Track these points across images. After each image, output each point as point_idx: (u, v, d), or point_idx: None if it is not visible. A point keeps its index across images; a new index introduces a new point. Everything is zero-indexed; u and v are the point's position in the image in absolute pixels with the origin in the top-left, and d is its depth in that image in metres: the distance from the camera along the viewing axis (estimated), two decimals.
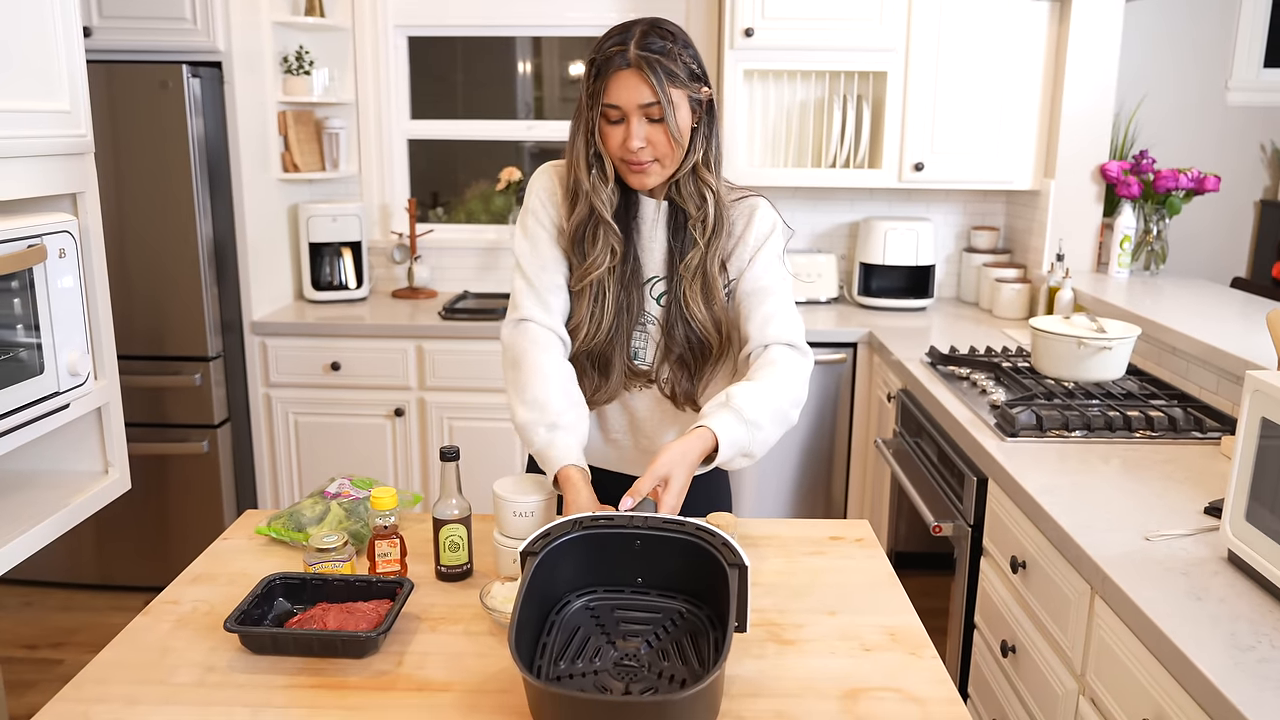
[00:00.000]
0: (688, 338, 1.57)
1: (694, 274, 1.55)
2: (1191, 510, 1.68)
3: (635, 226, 1.59)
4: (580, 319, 1.58)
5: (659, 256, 1.59)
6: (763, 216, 1.60)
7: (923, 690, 1.20)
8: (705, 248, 1.54)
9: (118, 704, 1.16)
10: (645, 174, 1.51)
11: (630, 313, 1.58)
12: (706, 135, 1.52)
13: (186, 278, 3.04)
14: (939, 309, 3.54)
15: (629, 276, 1.57)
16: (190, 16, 2.95)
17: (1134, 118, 3.53)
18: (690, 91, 1.48)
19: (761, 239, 1.59)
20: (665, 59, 1.44)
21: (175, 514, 3.19)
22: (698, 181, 1.53)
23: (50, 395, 1.47)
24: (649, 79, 1.43)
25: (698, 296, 1.55)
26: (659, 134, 1.46)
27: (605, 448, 1.71)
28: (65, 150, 1.54)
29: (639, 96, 1.44)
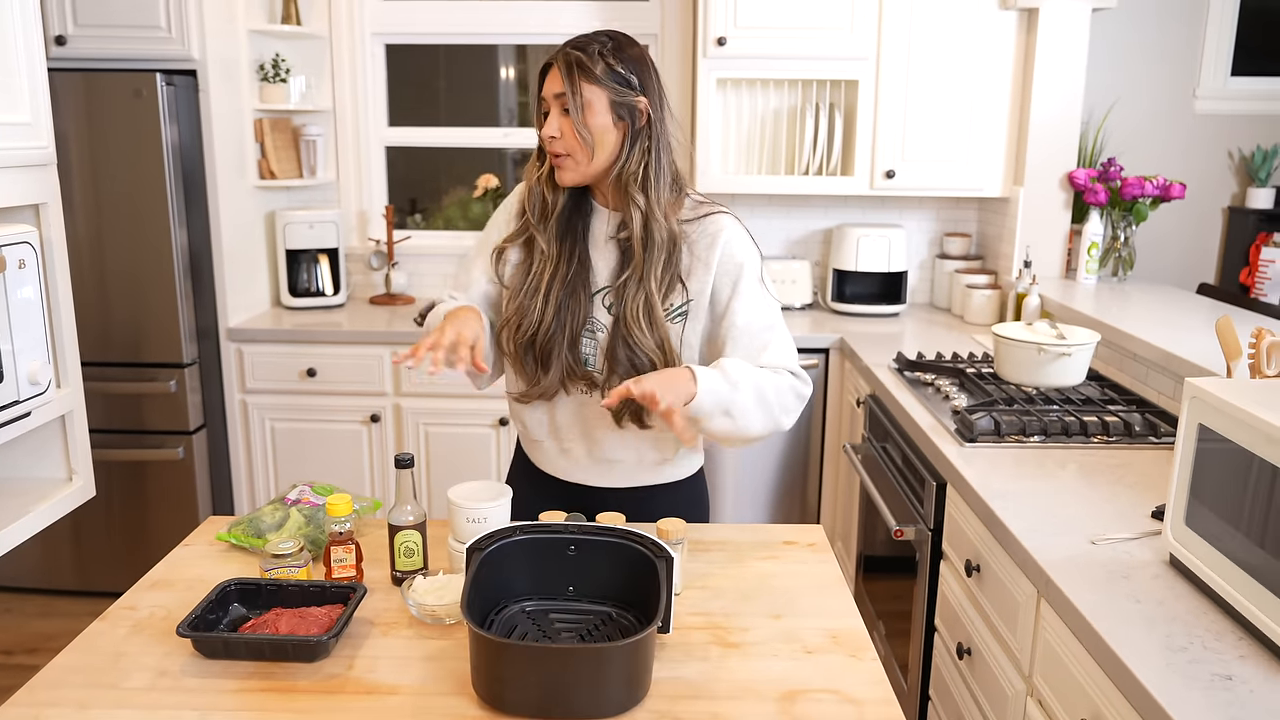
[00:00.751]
0: (631, 360, 1.57)
1: (634, 289, 1.56)
2: (1139, 514, 1.71)
3: (585, 232, 1.63)
4: (520, 308, 1.61)
5: (610, 266, 1.62)
6: (731, 239, 1.60)
7: (860, 692, 1.23)
8: (641, 263, 1.56)
9: (69, 708, 1.18)
10: (562, 169, 1.56)
11: (574, 315, 1.60)
12: (646, 149, 1.55)
13: (162, 285, 3.05)
14: (912, 315, 3.57)
15: (572, 277, 1.60)
16: (165, 25, 2.98)
17: (1102, 126, 3.57)
18: (610, 94, 1.52)
19: (735, 267, 1.59)
20: (585, 57, 1.51)
21: (152, 520, 3.21)
22: (630, 194, 1.56)
23: (11, 404, 1.49)
24: (563, 73, 1.52)
25: (639, 315, 1.55)
26: (569, 125, 1.52)
27: (561, 459, 1.73)
28: (26, 162, 1.56)
29: (554, 88, 1.53)
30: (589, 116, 1.51)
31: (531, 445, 1.76)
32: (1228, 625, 1.32)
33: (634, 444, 1.68)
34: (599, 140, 1.53)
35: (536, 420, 1.71)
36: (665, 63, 3.64)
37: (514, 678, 1.14)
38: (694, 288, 1.59)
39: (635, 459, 1.70)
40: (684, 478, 1.77)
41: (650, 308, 1.55)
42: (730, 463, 3.29)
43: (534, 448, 1.76)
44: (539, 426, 1.71)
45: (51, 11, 2.96)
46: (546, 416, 1.70)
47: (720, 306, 1.60)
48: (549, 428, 1.71)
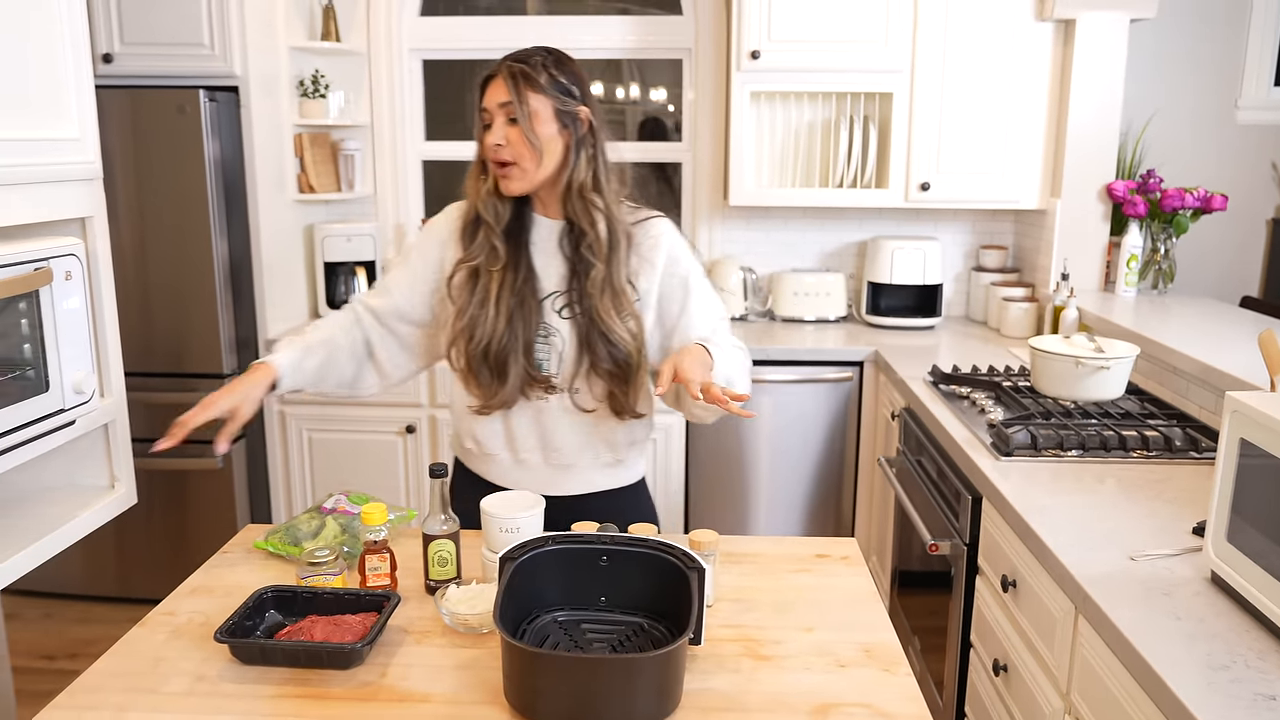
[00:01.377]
0: (611, 355, 1.63)
1: (601, 289, 1.61)
2: (1180, 530, 1.68)
3: (528, 241, 1.67)
4: (471, 320, 1.64)
5: (558, 273, 1.66)
6: (674, 243, 1.70)
7: (893, 707, 1.22)
8: (606, 264, 1.62)
9: (109, 711, 1.21)
10: (509, 178, 1.60)
11: (526, 323, 1.63)
12: (591, 157, 1.62)
13: (203, 297, 3.11)
14: (947, 328, 3.54)
15: (520, 285, 1.64)
16: (208, 42, 3.04)
17: (1142, 137, 3.53)
18: (555, 102, 1.58)
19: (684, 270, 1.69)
20: (528, 68, 1.57)
21: (191, 528, 3.26)
22: (585, 202, 1.62)
23: (56, 412, 1.52)
24: (508, 82, 1.57)
25: (610, 311, 1.61)
26: (516, 134, 1.57)
27: (516, 470, 1.74)
28: (73, 176, 1.60)
29: (498, 97, 1.57)
30: (536, 124, 1.57)
31: (482, 459, 1.77)
32: (1271, 644, 1.29)
33: (589, 445, 1.73)
34: (546, 148, 1.58)
35: (491, 433, 1.73)
36: (699, 77, 3.65)
37: (546, 687, 1.14)
38: (642, 286, 1.67)
39: (591, 460, 1.74)
40: (633, 483, 1.83)
41: (620, 303, 1.62)
42: (764, 475, 3.28)
43: (485, 461, 1.77)
44: (493, 439, 1.73)
45: (99, 30, 3.03)
46: (502, 428, 1.72)
47: (674, 308, 1.68)
48: (504, 439, 1.73)
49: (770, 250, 3.75)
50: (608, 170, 1.64)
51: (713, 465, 3.29)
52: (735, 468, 3.28)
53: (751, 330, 3.48)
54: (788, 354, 3.22)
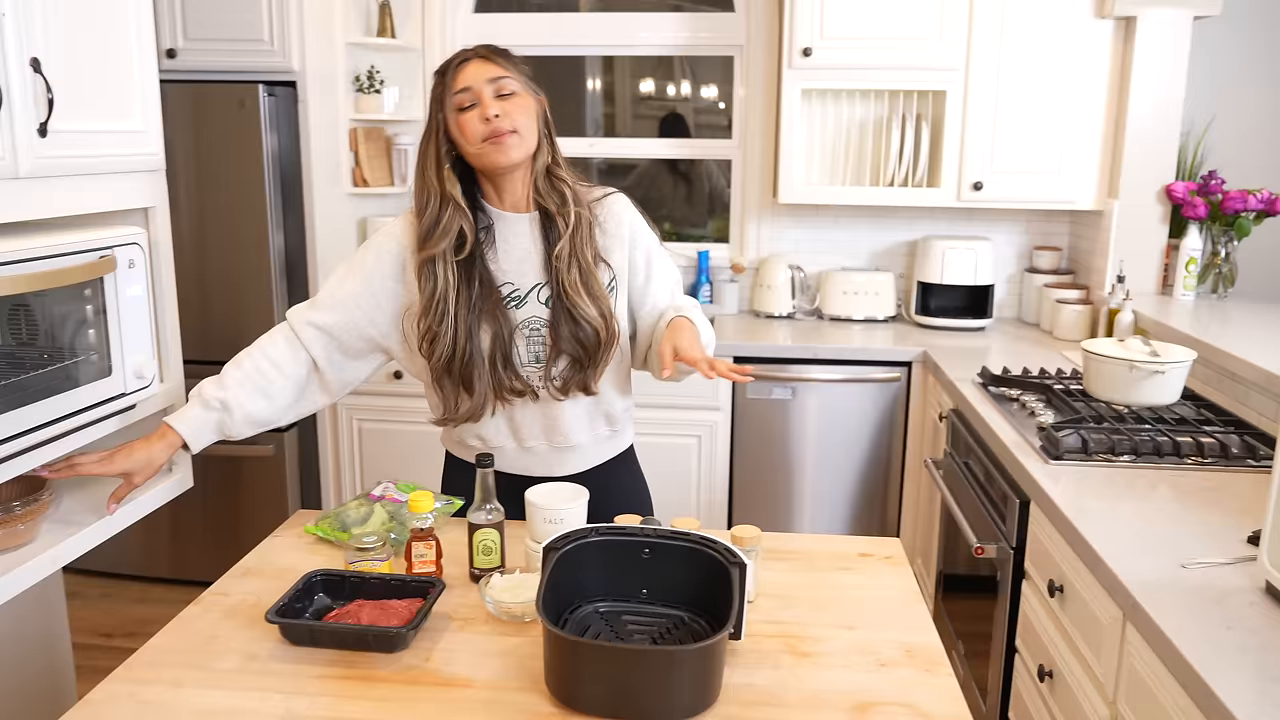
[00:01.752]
0: (575, 335, 1.64)
1: (568, 264, 1.63)
2: (1234, 539, 1.64)
3: (489, 241, 1.66)
4: (432, 335, 1.63)
5: (536, 265, 1.67)
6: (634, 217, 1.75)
7: (934, 707, 1.21)
8: (572, 238, 1.63)
9: (164, 686, 1.24)
10: (510, 146, 1.58)
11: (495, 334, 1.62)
12: (550, 143, 1.67)
13: (259, 287, 3.18)
14: (998, 329, 3.50)
15: (475, 299, 1.62)
16: (268, 38, 3.10)
17: (1204, 138, 3.45)
18: (527, 84, 1.63)
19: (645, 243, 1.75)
20: (504, 53, 1.63)
21: (244, 513, 3.33)
22: (554, 180, 1.66)
23: (117, 396, 1.57)
24: (493, 61, 1.60)
25: (578, 286, 1.63)
26: (511, 105, 1.59)
27: (522, 455, 1.76)
28: (137, 168, 1.65)
29: (487, 73, 1.59)
30: (525, 96, 1.61)
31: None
32: None
33: (590, 424, 1.76)
34: (533, 120, 1.62)
35: (494, 428, 1.74)
36: (750, 74, 3.64)
37: (586, 676, 1.16)
38: (616, 263, 1.71)
39: (591, 438, 1.77)
40: (625, 449, 1.87)
41: (588, 279, 1.64)
42: (809, 474, 3.27)
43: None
44: (498, 434, 1.74)
45: (164, 26, 3.11)
46: (506, 422, 1.73)
47: (640, 278, 1.74)
48: (509, 431, 1.74)
49: (819, 249, 3.73)
50: (562, 156, 1.69)
51: (758, 463, 3.28)
52: (780, 466, 3.27)
53: (799, 329, 3.47)
54: (835, 353, 3.20)
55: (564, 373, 1.67)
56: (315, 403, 1.72)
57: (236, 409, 1.62)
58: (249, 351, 1.68)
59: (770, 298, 3.59)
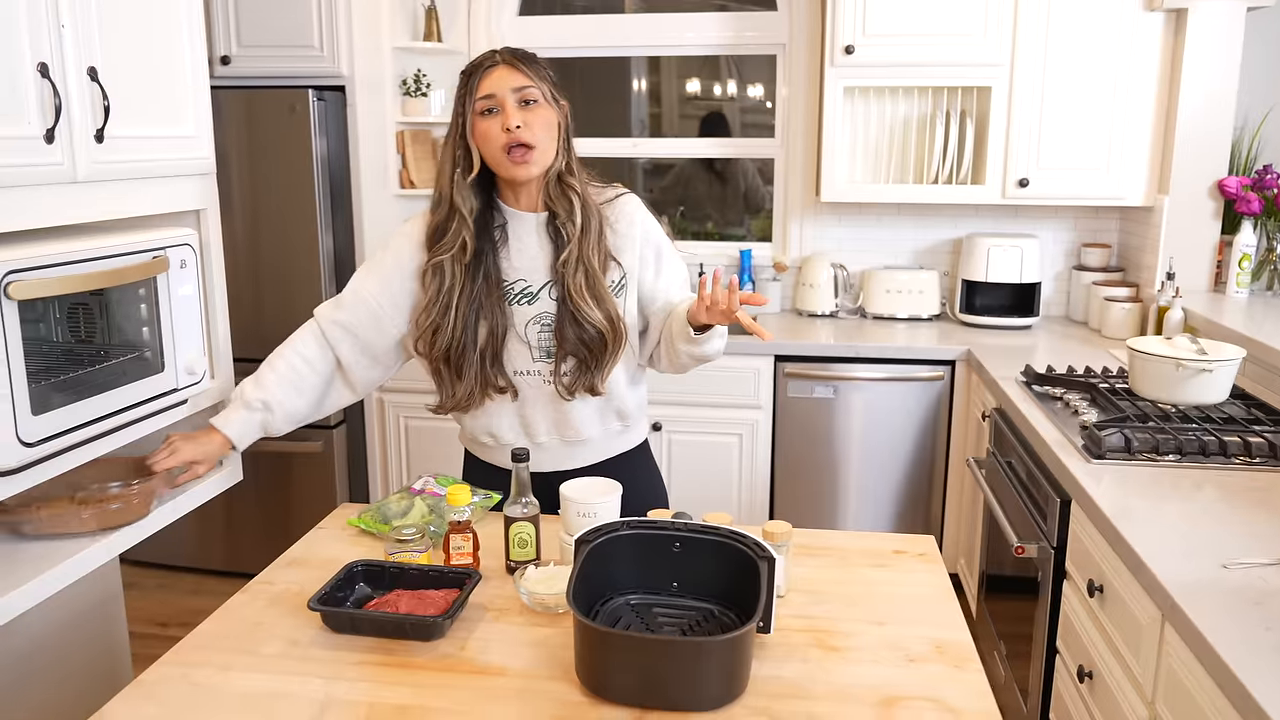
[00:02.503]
0: (580, 337, 1.67)
1: (574, 268, 1.65)
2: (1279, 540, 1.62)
3: (502, 240, 1.70)
4: (433, 325, 1.68)
5: (547, 262, 1.70)
6: (645, 217, 1.78)
7: (962, 703, 1.22)
8: (579, 244, 1.66)
9: (212, 669, 1.29)
10: (528, 162, 1.62)
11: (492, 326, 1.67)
12: (566, 147, 1.69)
13: (309, 287, 3.25)
14: (1045, 328, 3.45)
15: (478, 293, 1.66)
16: (318, 45, 3.18)
17: (1259, 132, 3.37)
18: (551, 90, 1.65)
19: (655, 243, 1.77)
20: (531, 59, 1.65)
21: (295, 507, 3.41)
22: (564, 186, 1.68)
23: (169, 391, 1.63)
24: (521, 69, 1.62)
25: (583, 290, 1.65)
26: (533, 117, 1.61)
27: (534, 452, 1.77)
28: (189, 171, 1.71)
29: (512, 82, 1.61)
30: (548, 106, 1.63)
31: (499, 450, 1.81)
32: None
33: (599, 419, 1.79)
34: (554, 130, 1.65)
35: (507, 425, 1.77)
36: (792, 72, 3.64)
37: (615, 666, 1.18)
38: (627, 262, 1.73)
39: (602, 432, 1.80)
40: (639, 444, 1.88)
41: (593, 283, 1.66)
42: (853, 472, 3.26)
43: (502, 451, 1.80)
44: (509, 430, 1.78)
45: (218, 34, 3.20)
46: (517, 419, 1.77)
47: (650, 274, 1.76)
48: (520, 428, 1.77)
49: (862, 247, 3.71)
50: (577, 159, 1.72)
51: (800, 461, 3.28)
52: (823, 464, 3.27)
53: (842, 328, 3.46)
54: (878, 351, 3.18)
55: (571, 373, 1.71)
56: (340, 399, 1.80)
57: (278, 408, 1.70)
58: (281, 352, 1.75)
59: (813, 296, 3.58)
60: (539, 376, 1.74)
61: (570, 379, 1.71)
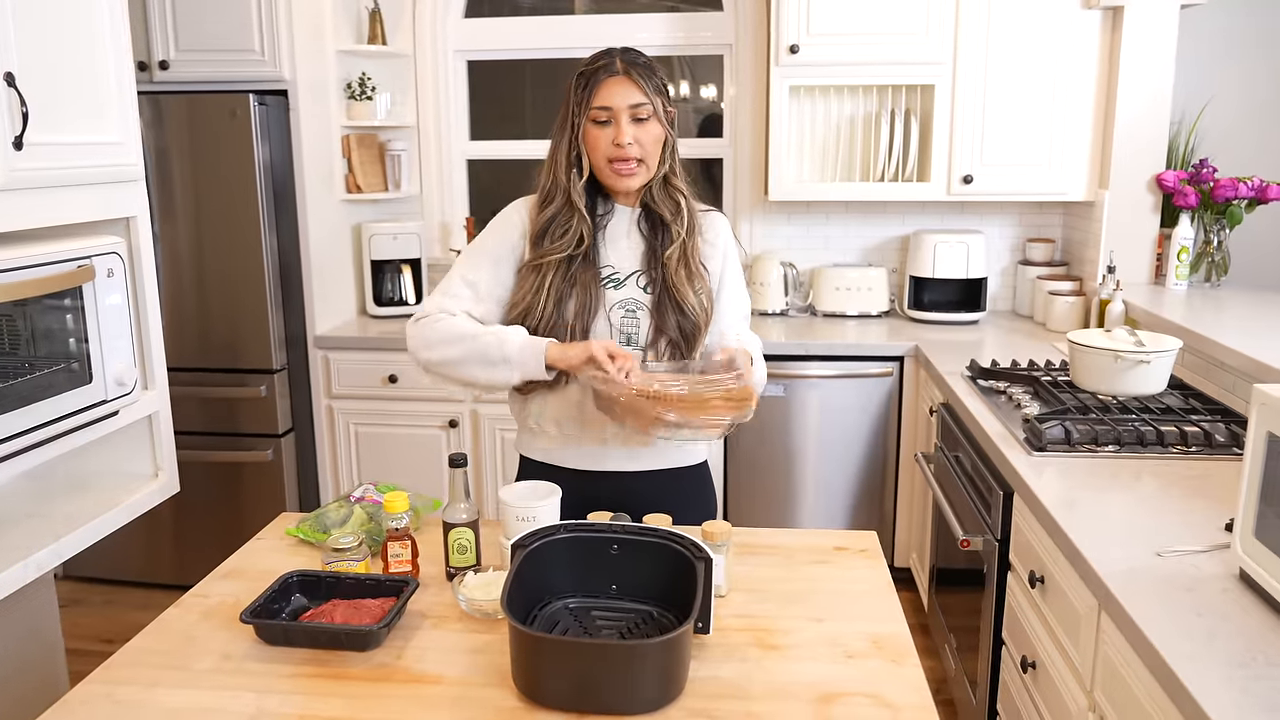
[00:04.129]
0: (680, 325, 1.71)
1: (677, 264, 1.70)
2: (1213, 527, 1.64)
3: (602, 228, 1.74)
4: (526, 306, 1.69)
5: (636, 254, 1.75)
6: (730, 237, 1.84)
7: (898, 697, 1.22)
8: (684, 244, 1.71)
9: (139, 686, 1.26)
10: (633, 175, 1.67)
11: (585, 306, 1.69)
12: (673, 150, 1.73)
13: (254, 294, 3.20)
14: (992, 322, 3.49)
15: (579, 271, 1.70)
16: (258, 48, 3.13)
17: (1195, 126, 3.44)
18: (664, 102, 1.69)
19: (735, 260, 1.83)
20: (649, 71, 1.68)
21: (244, 518, 3.35)
22: (670, 189, 1.73)
23: (99, 403, 1.59)
24: (638, 83, 1.65)
25: (684, 283, 1.70)
26: (644, 134, 1.66)
27: (596, 447, 1.77)
28: (116, 178, 1.67)
29: (629, 98, 1.64)
30: (660, 122, 1.67)
31: (560, 442, 1.79)
32: None
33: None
34: (663, 144, 1.69)
35: (571, 413, 1.75)
36: (739, 72, 3.65)
37: (549, 671, 1.17)
38: (712, 269, 1.78)
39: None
40: (700, 462, 1.89)
41: (694, 278, 1.72)
42: (807, 469, 3.27)
43: (564, 444, 1.79)
44: (574, 420, 1.76)
45: (156, 38, 3.14)
46: (583, 405, 1.74)
47: (719, 292, 1.80)
48: (586, 417, 1.75)
49: (811, 245, 3.73)
50: (680, 164, 1.76)
51: (753, 460, 3.29)
52: (776, 462, 3.28)
53: (792, 326, 3.47)
54: (828, 349, 3.20)
55: (663, 355, 1.74)
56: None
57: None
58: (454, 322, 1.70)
59: (763, 295, 3.60)
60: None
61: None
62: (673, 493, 1.79)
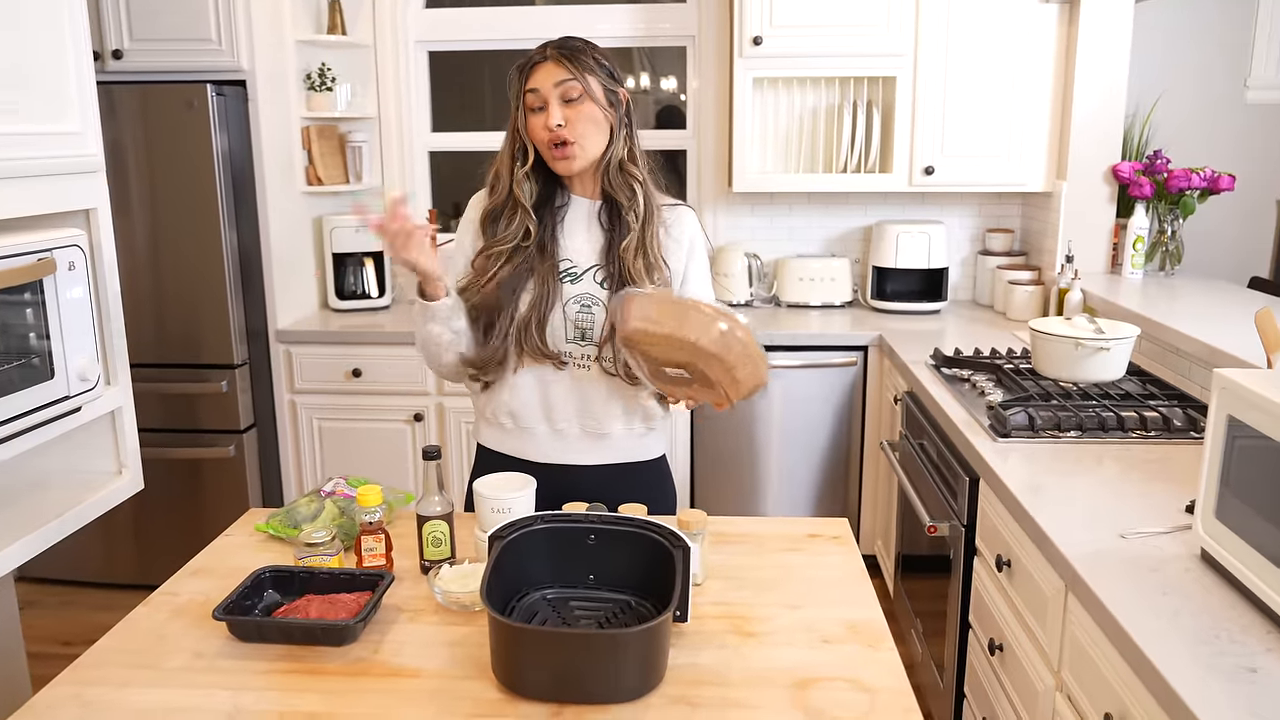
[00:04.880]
0: None
1: (635, 255, 1.68)
2: (1174, 509, 1.68)
3: (559, 219, 1.73)
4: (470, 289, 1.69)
5: (594, 247, 1.73)
6: (698, 230, 1.81)
7: (875, 681, 1.24)
8: (641, 231, 1.69)
9: (110, 686, 1.24)
10: (569, 158, 1.65)
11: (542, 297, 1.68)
12: (628, 135, 1.71)
13: (214, 288, 3.15)
14: (953, 312, 3.54)
15: (530, 258, 1.69)
16: (215, 38, 3.07)
17: (1149, 118, 3.51)
18: (604, 82, 1.66)
19: (701, 255, 1.81)
20: (577, 52, 1.65)
21: (207, 515, 3.31)
22: (626, 175, 1.70)
23: (61, 399, 1.56)
24: (565, 64, 1.63)
25: (642, 276, 1.68)
26: (575, 114, 1.63)
27: (553, 441, 1.77)
28: (76, 169, 1.64)
29: (555, 77, 1.62)
30: (593, 101, 1.63)
31: (517, 435, 1.79)
32: (1256, 618, 1.30)
33: (625, 416, 1.77)
34: (601, 124, 1.65)
35: (526, 403, 1.75)
36: (702, 63, 3.66)
37: (530, 662, 1.17)
38: (673, 265, 1.76)
39: (626, 431, 1.79)
40: (658, 457, 1.88)
41: (652, 271, 1.69)
42: (771, 458, 3.30)
43: (519, 436, 1.78)
44: (530, 411, 1.76)
45: (109, 27, 3.07)
46: (539, 398, 1.74)
47: (679, 287, 1.78)
48: (542, 410, 1.75)
49: (775, 236, 3.76)
50: (642, 150, 1.74)
51: (719, 448, 3.31)
52: (742, 451, 3.30)
53: (757, 316, 3.49)
54: (793, 339, 3.23)
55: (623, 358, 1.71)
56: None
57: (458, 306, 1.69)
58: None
59: (728, 286, 3.61)
60: (570, 357, 1.73)
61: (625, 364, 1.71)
62: (631, 486, 1.77)
